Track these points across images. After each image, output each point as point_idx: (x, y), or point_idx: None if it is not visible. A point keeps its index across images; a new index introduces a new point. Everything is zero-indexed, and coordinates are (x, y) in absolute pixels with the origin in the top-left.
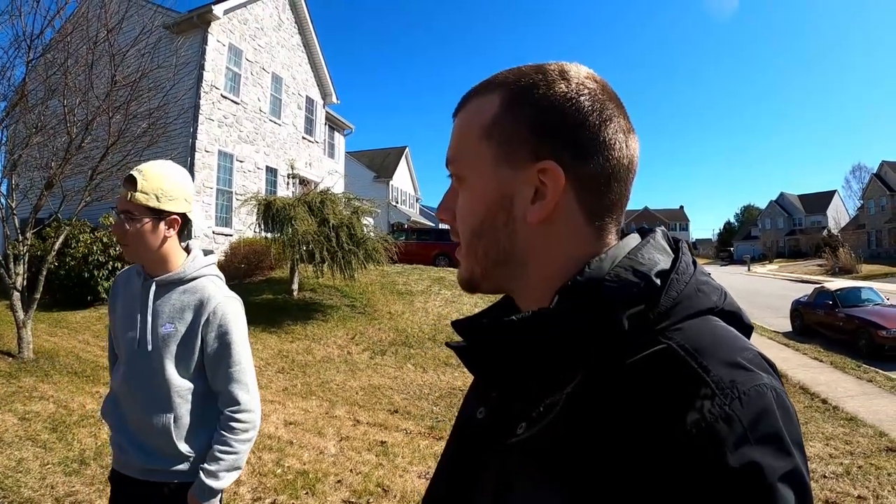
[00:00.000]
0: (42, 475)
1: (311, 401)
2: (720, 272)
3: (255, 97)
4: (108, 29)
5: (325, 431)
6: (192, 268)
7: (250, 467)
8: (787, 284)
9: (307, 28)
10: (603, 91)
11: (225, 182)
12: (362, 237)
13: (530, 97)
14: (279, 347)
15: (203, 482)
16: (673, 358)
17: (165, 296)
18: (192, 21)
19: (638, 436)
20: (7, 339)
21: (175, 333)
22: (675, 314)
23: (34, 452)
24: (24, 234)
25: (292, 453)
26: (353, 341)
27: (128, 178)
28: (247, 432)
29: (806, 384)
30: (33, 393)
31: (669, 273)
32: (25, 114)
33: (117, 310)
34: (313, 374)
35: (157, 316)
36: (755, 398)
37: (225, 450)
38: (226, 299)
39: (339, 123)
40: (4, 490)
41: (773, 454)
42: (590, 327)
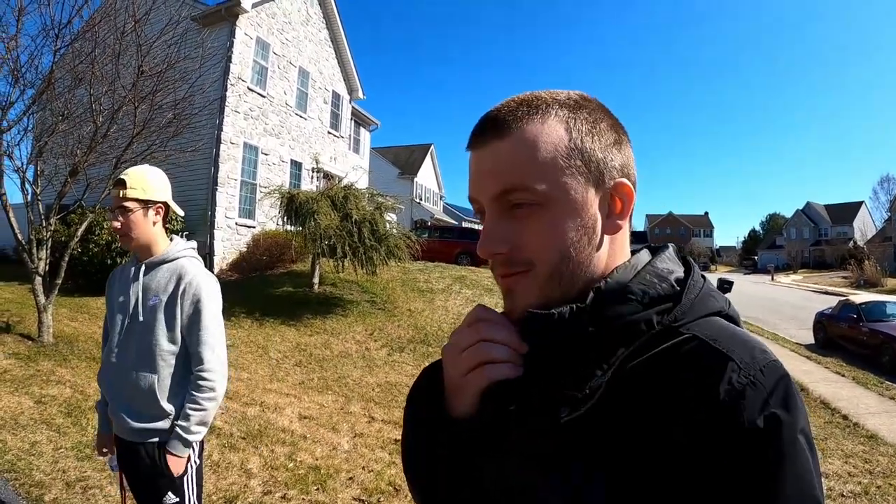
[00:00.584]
0: (54, 459)
1: (326, 395)
2: (743, 281)
3: (282, 91)
4: (135, 19)
5: (339, 427)
6: (174, 250)
7: (262, 460)
8: (811, 295)
9: (335, 23)
10: (613, 113)
11: (249, 174)
12: (384, 233)
13: (593, 122)
14: (297, 340)
15: (178, 434)
16: (700, 343)
17: (152, 274)
18: (220, 14)
19: (677, 408)
20: (28, 323)
21: (160, 304)
22: (692, 313)
23: (48, 436)
24: (48, 220)
25: (305, 448)
26: (371, 337)
27: (118, 181)
28: (213, 391)
29: (827, 399)
30: (50, 377)
31: (686, 279)
32: (52, 101)
33: (112, 296)
34: (330, 369)
35: (146, 291)
36: (773, 369)
37: (193, 407)
38: (201, 273)
39: (364, 119)
40: (16, 472)
41: (791, 413)
42: (625, 322)
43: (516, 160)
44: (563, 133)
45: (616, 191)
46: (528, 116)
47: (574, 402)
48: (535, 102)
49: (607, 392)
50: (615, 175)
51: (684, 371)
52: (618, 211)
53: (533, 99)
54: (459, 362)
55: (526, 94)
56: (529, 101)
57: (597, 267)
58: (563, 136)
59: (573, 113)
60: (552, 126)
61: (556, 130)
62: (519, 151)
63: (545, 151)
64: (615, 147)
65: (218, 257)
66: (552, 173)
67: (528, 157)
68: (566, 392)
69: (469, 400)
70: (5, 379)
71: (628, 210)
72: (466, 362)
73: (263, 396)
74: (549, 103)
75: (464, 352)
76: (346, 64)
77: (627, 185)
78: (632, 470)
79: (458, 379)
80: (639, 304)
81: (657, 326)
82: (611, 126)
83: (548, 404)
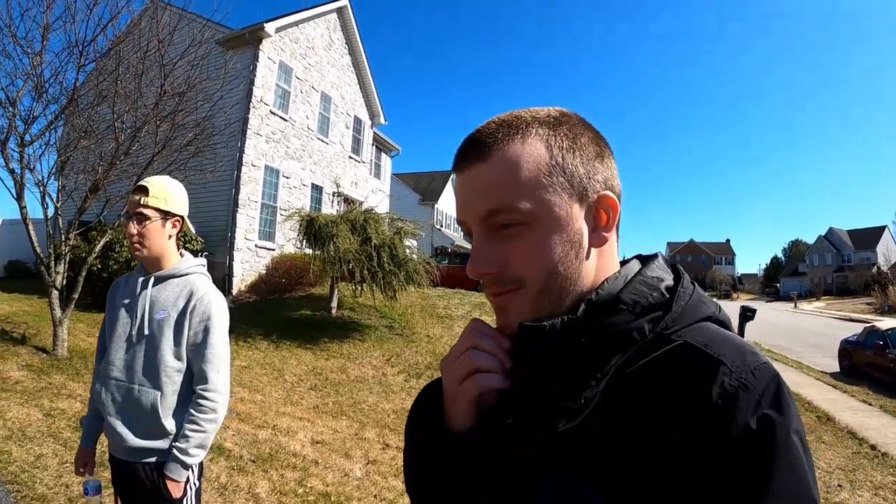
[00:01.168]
0: (59, 473)
1: (341, 420)
2: (766, 308)
3: (304, 115)
4: (158, 39)
5: (352, 453)
6: (184, 266)
7: (271, 484)
8: (834, 322)
9: (357, 49)
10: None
11: (270, 197)
12: (404, 258)
13: (574, 137)
14: (314, 364)
15: (175, 457)
16: (692, 349)
17: (160, 287)
18: (245, 38)
19: (671, 412)
20: (44, 336)
21: (168, 319)
22: (682, 320)
23: (54, 449)
24: (68, 235)
25: (316, 473)
26: (388, 363)
27: (139, 187)
28: (214, 412)
29: (854, 428)
30: (62, 390)
31: (676, 288)
32: (75, 117)
33: (115, 307)
34: (346, 394)
35: (154, 305)
36: (764, 372)
37: (193, 428)
38: (212, 291)
39: (386, 144)
40: (19, 484)
41: (783, 413)
42: (617, 331)
43: (499, 181)
44: (544, 151)
45: (600, 204)
46: (509, 137)
47: (570, 412)
48: (515, 122)
49: (602, 401)
50: (598, 188)
51: (677, 376)
52: (603, 223)
53: (512, 119)
54: (453, 371)
55: (506, 115)
56: (509, 121)
57: (586, 279)
58: (544, 154)
59: (553, 130)
60: (532, 145)
61: (537, 149)
62: (501, 173)
63: (527, 171)
64: (597, 160)
65: (237, 279)
66: (535, 192)
67: (510, 177)
68: (562, 403)
69: (463, 408)
70: (17, 390)
71: (614, 222)
72: (459, 370)
73: (276, 419)
74: (528, 122)
75: (456, 360)
76: (367, 89)
77: (611, 197)
78: (628, 477)
79: (452, 388)
80: (630, 314)
81: (649, 335)
82: (592, 140)
83: (544, 415)
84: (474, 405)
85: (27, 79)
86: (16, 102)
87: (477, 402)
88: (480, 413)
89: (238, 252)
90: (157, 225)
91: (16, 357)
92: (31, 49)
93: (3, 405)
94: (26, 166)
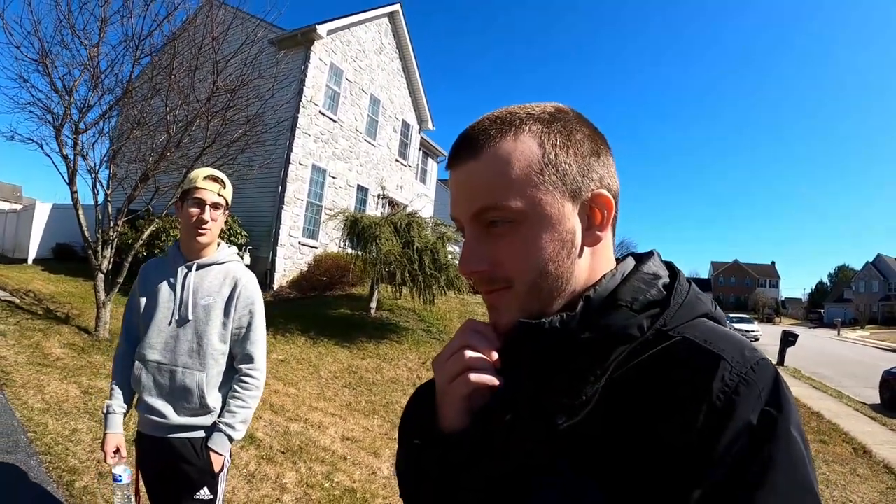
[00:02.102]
0: (91, 448)
1: (372, 419)
2: (808, 335)
3: (353, 116)
4: (213, 36)
5: (381, 452)
6: (223, 254)
7: (298, 476)
8: (878, 353)
9: (407, 54)
10: (592, 124)
11: (315, 195)
12: (445, 263)
13: (567, 134)
14: (349, 362)
15: (223, 431)
16: (691, 345)
17: (202, 274)
18: (297, 39)
19: (672, 408)
20: (86, 317)
21: (213, 304)
22: (679, 317)
23: (88, 425)
24: (116, 221)
25: (344, 469)
26: (424, 366)
27: (215, 177)
28: (258, 389)
29: (891, 463)
30: (101, 370)
31: (672, 284)
32: (129, 108)
33: (151, 291)
34: (379, 394)
35: (197, 291)
36: (764, 367)
37: (239, 404)
38: (252, 279)
39: (433, 150)
40: (52, 455)
41: (783, 408)
42: (616, 328)
43: (489, 179)
44: (537, 148)
45: (594, 202)
46: (501, 134)
47: (570, 409)
48: (509, 119)
49: (602, 398)
50: (593, 186)
51: (677, 372)
52: (598, 222)
53: (506, 115)
54: (445, 370)
55: (500, 111)
56: (503, 117)
57: (579, 278)
58: (537, 152)
59: (547, 126)
60: (525, 142)
61: (529, 146)
62: (491, 170)
63: (518, 168)
64: (593, 157)
65: (279, 274)
66: (525, 190)
67: (500, 175)
68: (562, 400)
69: (455, 408)
70: (57, 366)
71: (608, 220)
72: (450, 369)
73: (308, 413)
74: (522, 119)
75: (448, 360)
76: (416, 94)
77: (606, 195)
78: (629, 474)
79: (443, 387)
80: (629, 311)
81: (648, 331)
82: (588, 137)
83: (544, 412)
84: (466, 405)
85: (84, 69)
86: (72, 91)
87: (469, 403)
88: (474, 415)
89: (281, 248)
90: (224, 215)
91: (58, 335)
92: (89, 41)
93: (44, 379)
94: (80, 153)
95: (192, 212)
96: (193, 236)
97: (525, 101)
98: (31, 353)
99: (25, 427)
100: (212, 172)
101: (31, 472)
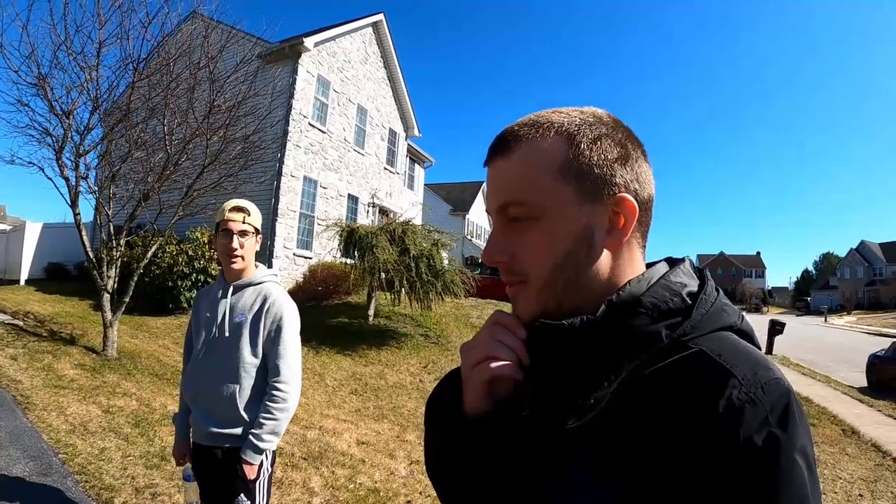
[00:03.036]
0: (123, 466)
1: (382, 424)
2: (795, 322)
3: (341, 127)
4: (209, 56)
5: (395, 454)
6: (259, 275)
7: (323, 480)
8: (864, 337)
9: (392, 62)
10: (629, 130)
11: (308, 207)
12: (441, 269)
13: (594, 138)
14: (353, 370)
15: (251, 443)
16: (705, 358)
17: (238, 294)
18: (284, 52)
19: (678, 421)
20: (90, 337)
21: (245, 322)
22: (701, 328)
23: (116, 444)
24: (118, 241)
25: (364, 471)
26: (425, 370)
27: (239, 208)
28: (286, 402)
29: (878, 442)
30: (116, 389)
31: (698, 294)
32: (128, 130)
33: (200, 312)
34: (385, 398)
35: (233, 310)
36: (774, 387)
37: (267, 416)
38: (284, 296)
39: (419, 156)
40: (87, 475)
41: (789, 432)
42: (633, 334)
43: (513, 176)
44: (561, 150)
45: (617, 206)
46: (530, 135)
47: (581, 410)
48: (539, 122)
49: (613, 402)
50: (616, 190)
51: (687, 384)
52: (620, 226)
53: (538, 118)
54: (470, 356)
55: (535, 114)
56: (535, 120)
57: (597, 279)
58: (560, 154)
59: (575, 129)
60: (550, 143)
61: (554, 147)
62: (516, 168)
63: (540, 168)
64: (619, 162)
65: None
66: (544, 189)
67: (523, 173)
68: (574, 400)
69: (474, 393)
70: (73, 388)
71: (630, 225)
72: (474, 356)
73: (322, 421)
74: (552, 122)
75: (474, 347)
76: (402, 102)
77: (629, 200)
78: (635, 479)
79: (466, 372)
80: (648, 318)
81: (665, 340)
82: (618, 142)
83: (556, 412)
84: (485, 392)
85: (82, 91)
86: (71, 114)
87: (492, 391)
88: (497, 403)
89: (276, 260)
90: (253, 240)
91: (68, 356)
92: (86, 63)
93: (64, 401)
94: (81, 175)
95: (223, 243)
96: (228, 264)
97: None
98: (46, 376)
99: (56, 449)
100: (237, 203)
101: (69, 492)
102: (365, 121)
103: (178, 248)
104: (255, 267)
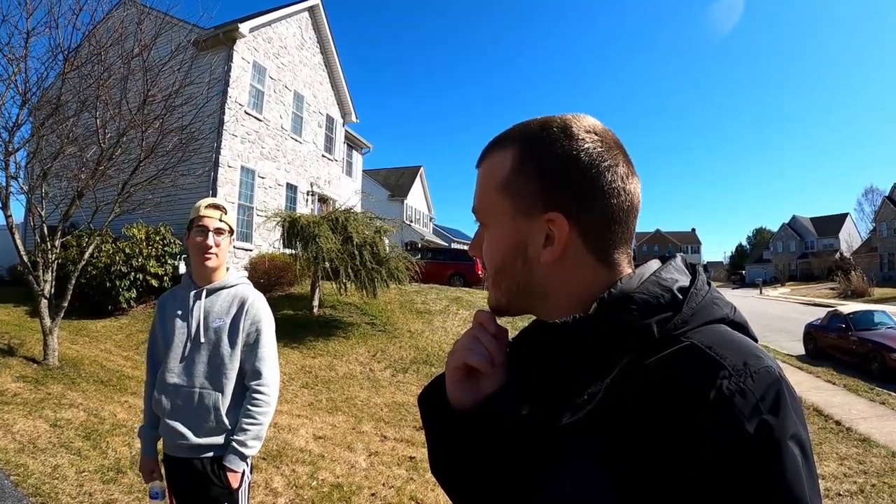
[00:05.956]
0: (79, 482)
1: (337, 416)
2: (732, 295)
3: (278, 115)
4: (142, 45)
5: (354, 446)
6: (232, 278)
7: (285, 480)
8: (799, 308)
9: (329, 48)
10: (602, 143)
11: (246, 197)
12: (385, 256)
13: (537, 155)
14: (302, 363)
15: (235, 449)
16: (696, 351)
17: (212, 299)
18: (219, 38)
19: (670, 413)
20: (29, 346)
21: (224, 326)
22: (693, 321)
23: (69, 459)
24: (54, 242)
25: (325, 466)
26: (374, 359)
27: (216, 205)
28: (268, 405)
29: (820, 406)
30: (62, 400)
31: (689, 289)
32: (59, 124)
33: (167, 318)
34: (337, 390)
35: (208, 315)
36: (765, 376)
37: (250, 421)
38: (260, 298)
39: (357, 142)
40: (42, 496)
41: (781, 419)
42: (625, 330)
43: (477, 186)
44: (505, 166)
45: (551, 223)
46: (495, 149)
47: (575, 406)
48: (505, 135)
49: (606, 398)
50: (551, 207)
51: (678, 377)
52: (553, 240)
53: (506, 132)
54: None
55: (514, 124)
56: (504, 134)
57: (539, 286)
58: (504, 170)
59: (525, 145)
60: (502, 159)
61: (502, 163)
62: (480, 179)
63: (489, 181)
64: (560, 180)
65: None
66: (489, 202)
67: (480, 185)
68: (567, 397)
69: (451, 381)
70: (17, 402)
71: (563, 241)
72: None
73: (276, 417)
74: (512, 137)
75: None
76: (339, 88)
77: (558, 219)
78: (632, 469)
79: (448, 361)
80: (639, 314)
81: (657, 335)
82: (567, 158)
83: (550, 407)
84: (462, 381)
85: (9, 85)
86: None
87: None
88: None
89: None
90: (228, 240)
91: (7, 368)
92: (13, 55)
93: (9, 418)
94: (11, 175)
95: (197, 239)
96: (201, 262)
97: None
98: None
99: (6, 471)
100: (213, 201)
101: None
102: (302, 108)
103: (115, 246)
104: (227, 269)
